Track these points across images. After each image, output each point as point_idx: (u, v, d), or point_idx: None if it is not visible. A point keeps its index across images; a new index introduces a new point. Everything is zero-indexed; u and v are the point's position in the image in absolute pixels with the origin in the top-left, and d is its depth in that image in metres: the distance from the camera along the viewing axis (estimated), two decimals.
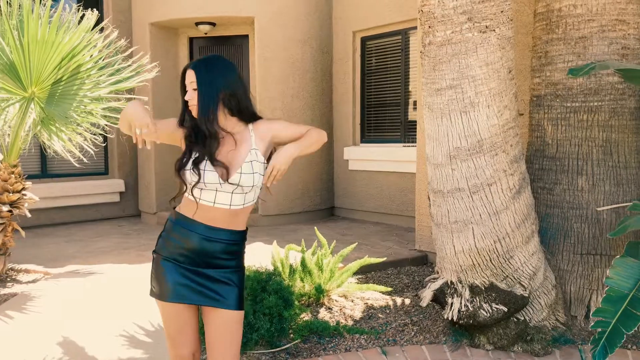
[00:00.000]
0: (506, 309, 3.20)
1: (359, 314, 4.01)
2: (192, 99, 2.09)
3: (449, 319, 3.30)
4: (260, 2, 7.31)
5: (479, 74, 2.99)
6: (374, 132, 7.89)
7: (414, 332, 3.64)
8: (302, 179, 7.75)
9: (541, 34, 3.73)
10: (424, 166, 5.23)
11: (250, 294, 3.53)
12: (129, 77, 5.07)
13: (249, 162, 2.08)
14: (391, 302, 4.27)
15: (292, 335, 3.55)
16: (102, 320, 3.85)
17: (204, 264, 2.12)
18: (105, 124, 5.01)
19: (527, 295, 3.25)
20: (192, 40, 8.12)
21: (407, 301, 4.28)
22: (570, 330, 3.48)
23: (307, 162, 7.77)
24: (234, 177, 2.06)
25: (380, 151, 7.55)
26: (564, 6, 3.54)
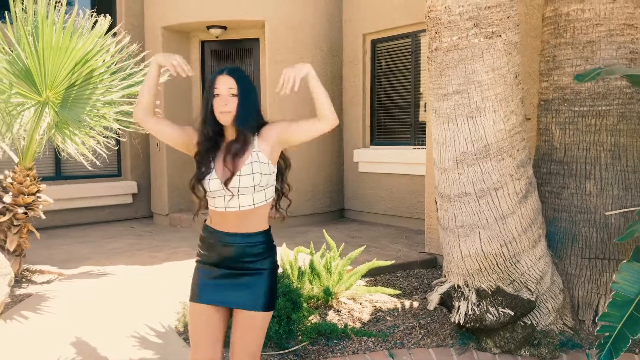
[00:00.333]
0: (513, 313, 3.21)
1: (367, 317, 4.04)
2: (229, 104, 2.14)
3: (456, 322, 3.32)
4: (270, 6, 7.37)
5: (485, 79, 3.01)
6: (384, 135, 7.91)
7: (421, 335, 3.66)
8: (312, 181, 7.79)
9: (549, 38, 3.73)
10: (434, 169, 5.24)
11: None
12: (141, 81, 5.14)
13: (249, 164, 2.15)
14: (399, 305, 4.29)
15: (300, 337, 3.59)
16: (114, 321, 3.92)
17: (229, 267, 2.23)
18: (117, 128, 5.09)
19: (534, 299, 3.26)
20: (203, 43, 8.20)
21: (416, 304, 4.30)
22: (578, 334, 3.48)
23: (317, 164, 7.82)
24: (233, 180, 2.13)
25: (390, 153, 7.57)
26: (571, 10, 3.54)
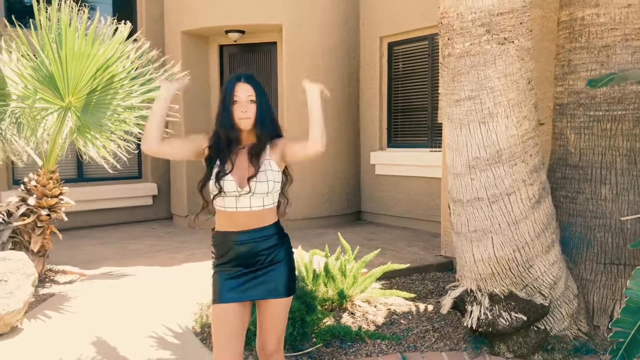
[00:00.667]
0: (525, 318, 3.22)
1: (381, 320, 4.07)
2: (249, 110, 2.27)
3: (469, 326, 3.34)
4: (288, 10, 7.44)
5: (498, 85, 3.03)
6: (401, 137, 7.92)
7: (434, 339, 3.68)
8: (329, 183, 7.84)
9: (564, 42, 3.72)
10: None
11: None
12: (160, 86, 5.24)
13: (264, 172, 2.29)
14: (414, 308, 4.31)
15: (314, 339, 3.64)
16: (133, 321, 4.02)
17: (247, 264, 2.34)
18: (138, 132, 5.21)
19: (547, 304, 3.26)
20: (222, 47, 8.31)
21: (430, 307, 4.31)
22: (592, 340, 3.47)
23: (333, 166, 7.86)
24: (250, 185, 2.25)
25: (407, 156, 7.57)
26: (587, 15, 3.53)
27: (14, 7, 7.55)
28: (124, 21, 4.99)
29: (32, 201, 4.86)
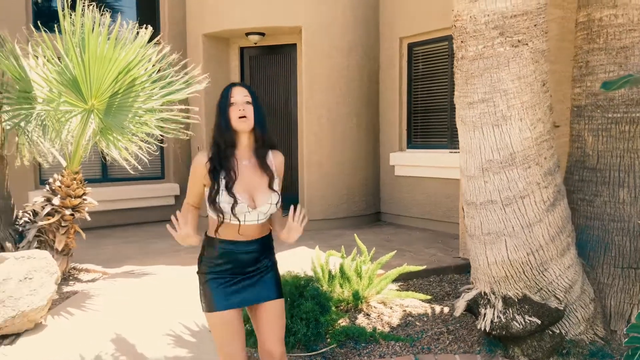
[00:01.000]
0: (540, 322, 3.19)
1: (396, 321, 4.09)
2: (245, 110, 2.29)
3: (482, 329, 3.33)
4: (307, 12, 7.49)
5: (511, 88, 3.02)
6: (421, 138, 7.90)
7: (448, 341, 3.68)
8: (347, 184, 7.86)
9: (582, 43, 3.68)
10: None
11: (288, 298, 3.69)
12: (181, 89, 5.35)
13: (276, 192, 2.34)
14: (429, 310, 4.31)
15: (328, 339, 3.67)
16: (151, 319, 4.11)
17: (242, 272, 2.37)
18: (159, 134, 5.31)
19: (562, 308, 3.23)
20: (242, 49, 8.40)
21: (446, 310, 4.31)
22: (609, 345, 3.42)
23: (352, 167, 7.88)
24: (263, 207, 2.30)
25: (426, 157, 7.55)
26: (604, 16, 3.49)
27: (41, 12, 7.75)
28: (145, 25, 5.10)
29: (56, 201, 5.00)
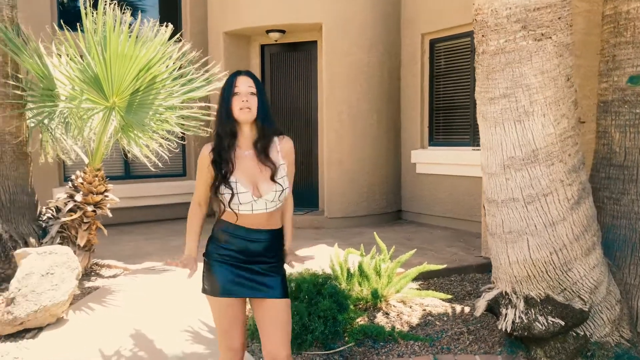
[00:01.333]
0: (563, 323, 3.11)
1: (415, 320, 4.03)
2: (248, 101, 2.26)
3: (503, 330, 3.25)
4: (328, 9, 7.45)
5: (534, 83, 2.93)
6: (443, 135, 7.80)
7: (469, 342, 3.61)
8: (368, 182, 7.80)
9: (609, 37, 3.57)
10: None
11: (305, 296, 3.67)
12: (201, 87, 5.37)
13: (282, 178, 2.29)
14: (450, 310, 4.24)
15: (346, 338, 3.64)
16: (170, 315, 4.13)
17: (249, 261, 2.35)
18: (180, 131, 5.34)
19: (587, 309, 3.14)
20: (263, 47, 8.40)
21: (467, 309, 4.24)
22: (635, 347, 3.32)
23: (372, 165, 7.82)
24: (269, 195, 2.27)
25: (448, 154, 7.45)
26: (632, 8, 3.37)
27: (66, 11, 7.87)
28: (165, 23, 5.13)
29: (78, 198, 5.06)
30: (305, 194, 8.28)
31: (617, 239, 3.53)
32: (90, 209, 5.11)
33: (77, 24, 4.85)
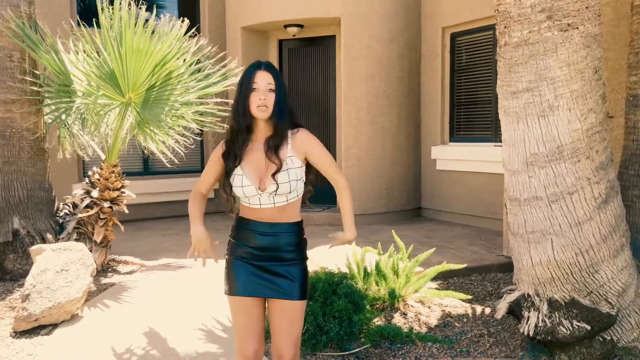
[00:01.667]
0: (589, 327, 2.97)
1: (434, 321, 3.92)
2: (266, 99, 2.19)
3: (525, 333, 3.13)
4: (346, 3, 7.34)
5: (559, 76, 2.80)
6: (464, 131, 7.63)
7: (489, 344, 3.49)
8: (387, 178, 7.68)
9: (638, 28, 3.41)
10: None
11: (320, 295, 3.58)
12: (217, 82, 5.31)
13: (285, 171, 2.20)
14: (470, 311, 4.12)
15: (362, 339, 3.55)
16: (184, 313, 4.09)
17: (267, 258, 2.29)
18: (195, 127, 5.29)
19: (614, 313, 3.00)
20: (281, 42, 8.33)
21: (487, 310, 4.11)
22: None
23: (391, 161, 7.70)
24: (270, 187, 2.20)
25: (469, 151, 7.29)
26: None
27: (84, 7, 7.89)
28: (181, 18, 5.07)
29: (95, 194, 5.06)
30: (323, 190, 8.16)
31: None
32: (106, 205, 5.10)
33: (94, 20, 4.83)
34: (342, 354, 3.40)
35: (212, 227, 7.44)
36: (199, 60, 5.33)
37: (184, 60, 5.09)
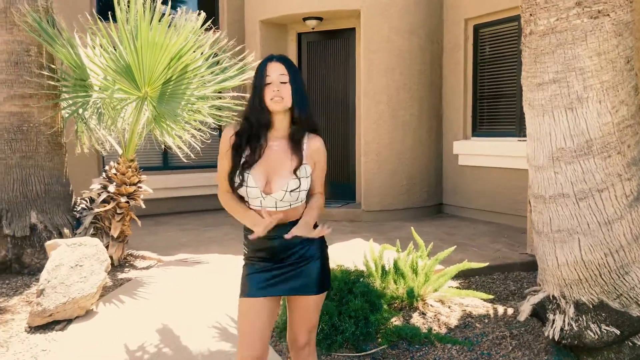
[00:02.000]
0: (619, 332, 2.82)
1: (454, 322, 3.80)
2: (280, 91, 2.10)
3: (550, 337, 2.99)
4: None
5: (589, 66, 2.64)
6: (487, 126, 7.44)
7: (511, 347, 3.35)
8: (408, 174, 7.54)
9: None
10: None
11: (336, 294, 3.49)
12: (234, 76, 5.24)
13: (297, 179, 2.11)
14: (491, 311, 3.98)
15: (379, 339, 3.44)
16: (199, 309, 4.03)
17: (279, 259, 2.21)
18: (212, 122, 5.23)
19: None
20: (300, 35, 8.22)
21: (510, 311, 3.97)
22: None
23: (412, 156, 7.55)
24: (278, 193, 2.11)
25: (493, 146, 7.10)
26: None
27: (103, 1, 7.89)
28: (198, 12, 5.01)
29: (112, 188, 5.04)
30: (341, 186, 8.09)
31: None
32: (123, 200, 5.08)
33: (109, 13, 4.79)
34: (358, 354, 3.30)
35: (229, 222, 7.51)
36: (216, 54, 5.26)
37: (201, 53, 5.02)
